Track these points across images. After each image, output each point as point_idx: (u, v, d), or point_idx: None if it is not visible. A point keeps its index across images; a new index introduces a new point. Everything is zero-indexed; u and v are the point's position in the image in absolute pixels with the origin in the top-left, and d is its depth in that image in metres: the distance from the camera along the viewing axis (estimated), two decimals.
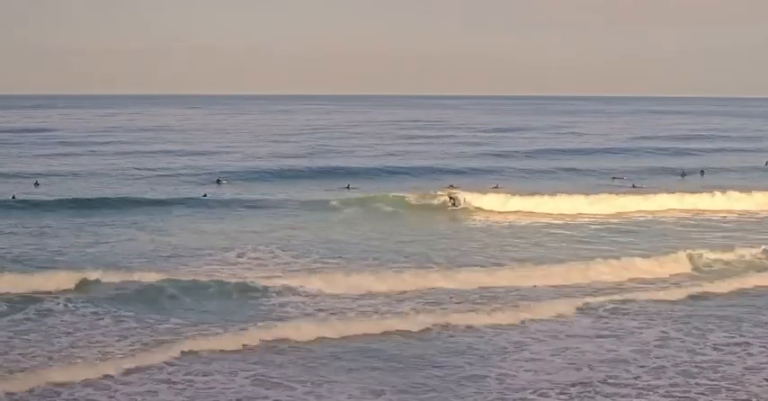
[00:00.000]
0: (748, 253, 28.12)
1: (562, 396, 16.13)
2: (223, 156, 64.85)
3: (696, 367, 17.73)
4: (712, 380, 16.98)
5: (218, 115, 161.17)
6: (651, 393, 16.25)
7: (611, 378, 17.07)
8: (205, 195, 44.57)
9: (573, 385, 16.62)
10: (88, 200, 40.28)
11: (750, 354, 18.75)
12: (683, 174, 58.71)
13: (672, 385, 16.68)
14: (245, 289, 23.13)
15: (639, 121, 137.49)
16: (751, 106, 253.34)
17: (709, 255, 27.71)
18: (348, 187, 48.57)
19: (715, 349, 19.01)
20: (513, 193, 41.90)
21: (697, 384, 16.79)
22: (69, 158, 63.60)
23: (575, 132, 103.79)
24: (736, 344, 19.36)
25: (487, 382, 16.86)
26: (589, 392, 16.31)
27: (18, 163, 59.82)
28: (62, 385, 16.19)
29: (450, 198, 40.85)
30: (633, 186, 50.51)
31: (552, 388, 16.47)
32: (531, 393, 16.31)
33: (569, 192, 42.99)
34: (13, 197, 42.51)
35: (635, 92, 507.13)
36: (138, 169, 56.17)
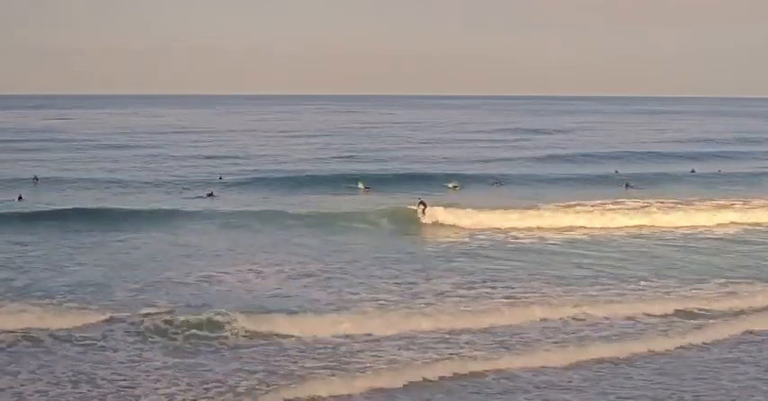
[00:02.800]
0: None
1: None
2: (229, 160, 63.79)
3: None
4: None
5: (221, 115, 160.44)
6: None
7: None
8: (211, 194, 45.11)
9: None
10: (88, 209, 38.23)
11: None
12: (693, 171, 58.74)
13: None
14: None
15: (649, 123, 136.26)
16: (751, 106, 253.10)
17: None
18: (367, 188, 48.53)
19: None
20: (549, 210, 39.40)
21: None
22: (68, 161, 62.77)
23: (591, 133, 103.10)
24: None
25: None
26: None
27: (18, 164, 59.16)
28: None
29: (423, 206, 37.80)
30: (627, 185, 50.49)
31: None
32: None
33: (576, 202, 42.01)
34: (20, 197, 42.69)
35: (635, 92, 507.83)
36: (141, 173, 55.38)
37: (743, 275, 27.46)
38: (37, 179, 50.01)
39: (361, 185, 49.31)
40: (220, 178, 51.44)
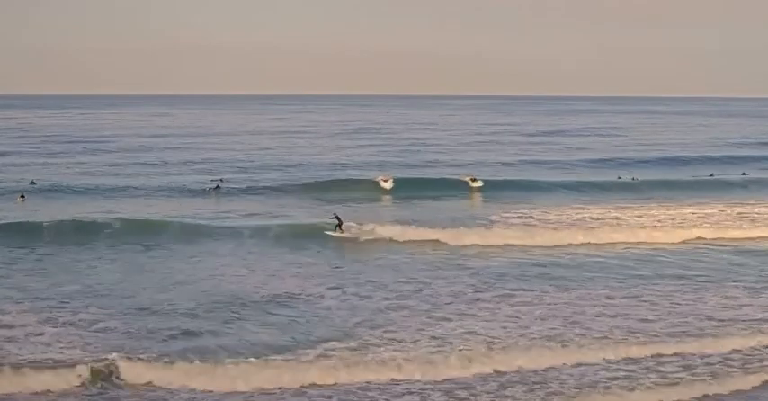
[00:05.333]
0: None
1: None
2: (232, 163, 61.69)
3: None
4: None
5: (223, 116, 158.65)
6: None
7: None
8: (218, 187, 46.60)
9: None
10: (89, 221, 35.11)
11: None
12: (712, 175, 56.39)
13: None
14: None
15: (660, 124, 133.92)
16: (754, 106, 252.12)
17: None
18: (386, 180, 47.82)
19: None
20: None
21: None
22: (68, 165, 60.69)
23: (605, 136, 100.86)
24: None
25: None
26: None
27: (14, 167, 57.41)
28: None
29: (338, 221, 33.77)
30: (633, 178, 52.58)
31: None
32: None
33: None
34: (22, 196, 42.72)
35: (635, 92, 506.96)
36: (142, 177, 53.22)
37: None
38: (34, 183, 48.28)
39: (383, 181, 48.14)
40: (219, 185, 48.73)
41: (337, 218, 33.96)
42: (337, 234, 33.24)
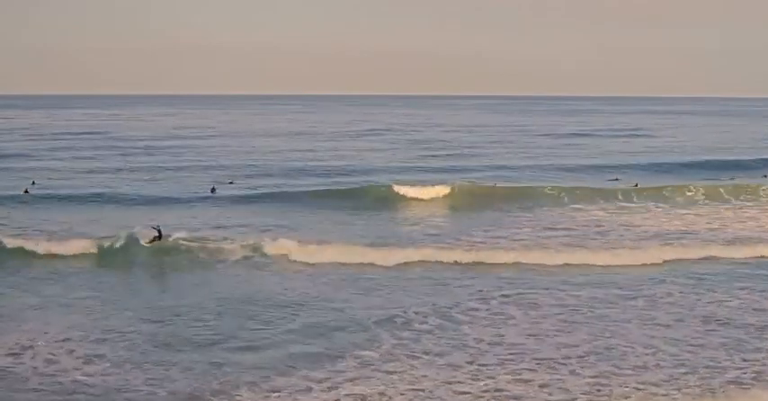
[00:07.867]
0: None
1: None
2: (232, 169, 59.52)
3: None
4: None
5: (227, 116, 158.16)
6: None
7: None
8: (213, 189, 45.50)
9: None
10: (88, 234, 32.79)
11: None
12: (732, 178, 53.67)
13: None
14: None
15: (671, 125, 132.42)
16: (754, 106, 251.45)
17: None
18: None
19: None
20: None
21: None
22: (66, 170, 58.95)
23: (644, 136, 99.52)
24: None
25: None
26: None
27: (11, 170, 56.26)
28: None
29: (158, 233, 31.23)
30: (636, 185, 48.44)
31: None
32: None
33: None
34: (26, 191, 42.93)
35: (635, 92, 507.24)
36: (139, 183, 51.61)
37: None
38: (34, 183, 47.28)
39: (401, 187, 46.07)
40: (214, 188, 46.98)
41: (158, 230, 31.57)
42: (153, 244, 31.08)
